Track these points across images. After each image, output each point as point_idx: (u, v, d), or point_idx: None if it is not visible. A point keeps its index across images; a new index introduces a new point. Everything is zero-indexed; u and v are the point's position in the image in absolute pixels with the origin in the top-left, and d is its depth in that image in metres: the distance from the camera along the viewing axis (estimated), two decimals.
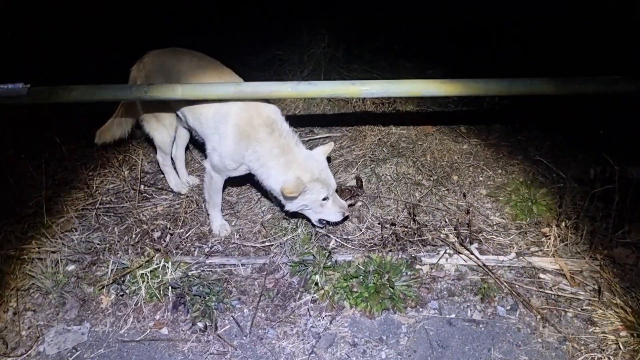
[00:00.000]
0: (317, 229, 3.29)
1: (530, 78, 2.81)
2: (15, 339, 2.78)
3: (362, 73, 4.90)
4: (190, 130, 3.44)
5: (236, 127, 2.92)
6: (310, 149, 3.14)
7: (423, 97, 4.66)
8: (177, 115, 3.37)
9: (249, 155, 2.96)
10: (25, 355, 2.69)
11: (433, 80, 2.83)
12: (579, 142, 3.92)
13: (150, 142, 3.81)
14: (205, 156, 3.19)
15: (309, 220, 3.24)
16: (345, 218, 3.19)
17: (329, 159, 3.75)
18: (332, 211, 3.10)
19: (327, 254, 3.03)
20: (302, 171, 2.91)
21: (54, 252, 3.17)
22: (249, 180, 3.61)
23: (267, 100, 3.01)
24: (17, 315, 2.87)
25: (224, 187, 3.31)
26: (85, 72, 3.85)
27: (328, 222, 3.19)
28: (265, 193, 3.51)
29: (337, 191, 3.18)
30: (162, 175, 3.81)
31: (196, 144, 4.15)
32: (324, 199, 3.02)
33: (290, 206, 3.05)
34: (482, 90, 2.81)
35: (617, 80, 2.75)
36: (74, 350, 2.71)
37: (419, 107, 4.64)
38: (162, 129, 3.46)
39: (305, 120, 4.40)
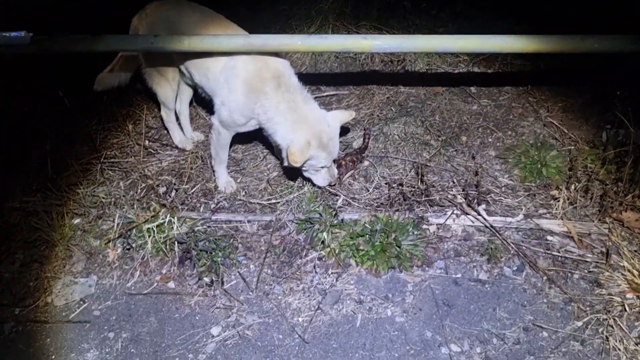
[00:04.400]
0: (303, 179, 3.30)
1: (546, 35, 2.73)
2: (23, 290, 2.80)
3: (371, 30, 4.75)
4: (194, 86, 3.37)
5: (245, 80, 2.85)
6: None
7: (433, 56, 4.54)
8: (180, 70, 3.29)
9: (257, 109, 2.89)
10: (33, 305, 2.72)
11: (447, 35, 2.75)
12: (592, 104, 3.83)
13: (152, 97, 3.75)
14: (212, 112, 3.13)
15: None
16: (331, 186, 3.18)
17: (347, 129, 3.68)
18: (322, 177, 3.09)
19: (333, 213, 3.02)
20: (311, 135, 2.84)
21: (59, 205, 3.16)
22: (254, 137, 3.57)
23: (277, 55, 2.93)
24: (24, 266, 2.89)
25: (230, 144, 3.26)
26: (86, 22, 3.73)
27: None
28: (272, 148, 3.47)
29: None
30: (166, 131, 3.76)
31: (201, 100, 4.09)
32: (322, 167, 3.00)
33: (287, 164, 2.96)
34: (497, 47, 2.72)
35: (637, 39, 2.66)
36: (81, 302, 2.74)
37: (428, 67, 4.53)
38: (165, 84, 3.39)
39: (312, 78, 4.30)
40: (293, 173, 3.30)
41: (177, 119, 3.72)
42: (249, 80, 2.86)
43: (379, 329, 2.58)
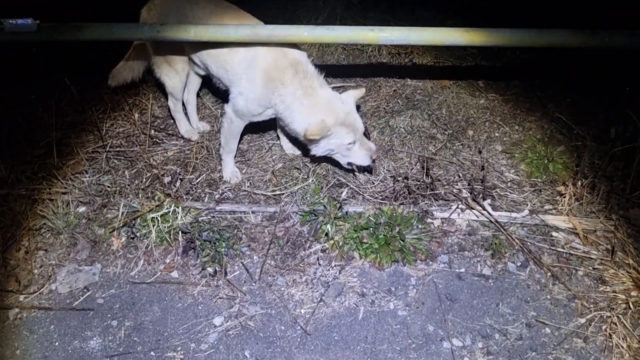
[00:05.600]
0: (346, 171, 3.32)
1: (557, 29, 2.69)
2: (28, 277, 2.82)
3: (379, 22, 4.71)
4: (205, 76, 3.36)
5: (264, 70, 2.85)
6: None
7: (441, 49, 4.51)
8: (191, 60, 3.28)
9: (275, 99, 2.90)
10: (37, 292, 2.74)
11: (456, 28, 2.71)
12: (601, 100, 3.79)
13: (160, 87, 3.74)
14: (225, 101, 3.11)
15: (337, 164, 3.21)
16: (373, 161, 3.13)
17: (358, 107, 3.68)
18: (359, 155, 3.03)
19: (337, 205, 3.01)
20: (326, 114, 2.83)
21: (64, 193, 3.17)
22: (261, 128, 3.57)
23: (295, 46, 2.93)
24: (29, 254, 2.90)
25: (243, 132, 3.25)
26: (95, 12, 3.73)
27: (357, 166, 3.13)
28: (293, 141, 3.49)
29: None
30: (172, 120, 3.76)
31: (207, 91, 4.08)
32: (350, 144, 2.96)
33: (316, 150, 2.99)
34: (506, 40, 2.68)
35: None
36: (85, 290, 2.75)
37: (436, 60, 4.50)
38: (173, 74, 3.38)
39: (319, 69, 4.28)
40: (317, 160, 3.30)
41: (184, 108, 3.72)
42: (267, 70, 2.86)
43: (381, 322, 2.58)
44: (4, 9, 2.82)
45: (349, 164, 3.09)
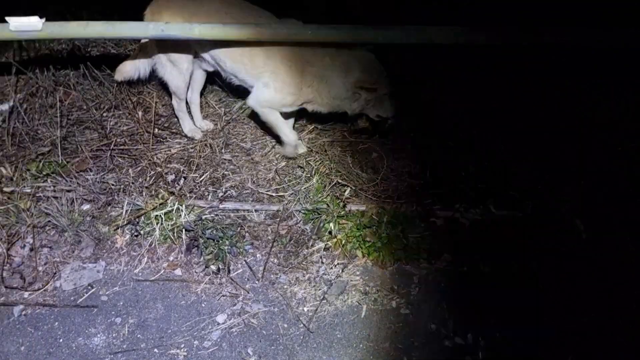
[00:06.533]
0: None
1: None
2: (32, 274, 2.83)
3: (381, 20, 4.74)
4: (210, 74, 3.37)
5: (286, 57, 2.92)
6: None
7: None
8: (199, 58, 3.29)
9: (306, 80, 2.99)
10: (42, 289, 2.75)
11: (458, 27, 2.72)
12: None
13: (164, 86, 3.75)
14: (235, 95, 3.14)
15: (340, 162, 3.36)
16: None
17: None
18: (388, 105, 3.20)
19: (340, 203, 3.02)
20: (362, 71, 2.99)
21: (69, 190, 3.18)
22: (263, 126, 3.58)
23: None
24: (34, 251, 2.92)
25: (247, 131, 3.27)
26: (99, 11, 3.74)
27: (385, 119, 3.28)
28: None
29: None
30: (176, 119, 3.77)
31: (212, 88, 4.09)
32: (386, 94, 3.12)
33: (356, 106, 3.14)
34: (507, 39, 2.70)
35: None
36: (89, 287, 2.77)
37: None
38: (177, 74, 3.38)
39: None
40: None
41: (188, 107, 3.72)
42: (289, 55, 2.93)
43: (384, 320, 2.59)
44: (9, 6, 2.84)
45: (378, 116, 3.26)
